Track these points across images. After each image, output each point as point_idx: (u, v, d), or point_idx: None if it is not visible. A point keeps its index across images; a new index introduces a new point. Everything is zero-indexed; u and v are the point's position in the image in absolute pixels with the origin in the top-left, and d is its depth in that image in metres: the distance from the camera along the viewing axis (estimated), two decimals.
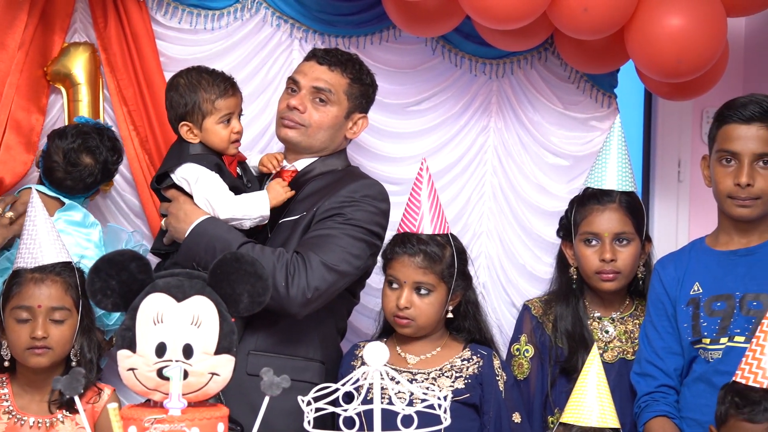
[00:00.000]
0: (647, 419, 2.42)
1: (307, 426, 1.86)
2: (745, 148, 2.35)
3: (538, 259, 3.21)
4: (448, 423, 1.93)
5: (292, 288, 2.40)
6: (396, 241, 2.57)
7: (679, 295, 2.47)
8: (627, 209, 2.61)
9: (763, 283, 2.37)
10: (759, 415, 2.06)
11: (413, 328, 2.53)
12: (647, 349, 2.50)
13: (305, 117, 2.62)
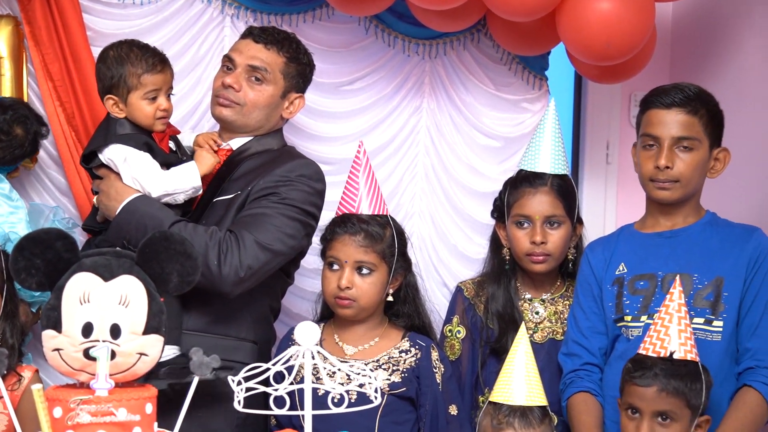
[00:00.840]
0: (569, 395, 2.46)
1: (237, 406, 1.85)
2: (665, 132, 2.39)
3: (470, 240, 3.23)
4: (378, 402, 1.94)
5: (225, 266, 2.37)
6: (336, 222, 2.56)
7: (605, 275, 2.51)
8: (558, 192, 2.64)
9: (684, 263, 2.41)
10: (648, 379, 2.14)
11: (355, 310, 2.52)
12: (574, 329, 2.54)
13: (240, 95, 2.59)
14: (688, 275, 2.39)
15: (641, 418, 2.17)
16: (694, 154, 2.40)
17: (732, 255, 2.40)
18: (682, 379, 2.15)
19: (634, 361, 2.21)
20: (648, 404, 2.15)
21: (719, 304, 2.36)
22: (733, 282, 2.37)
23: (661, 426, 2.15)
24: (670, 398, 2.14)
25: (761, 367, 2.31)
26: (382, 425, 2.46)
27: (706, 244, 2.43)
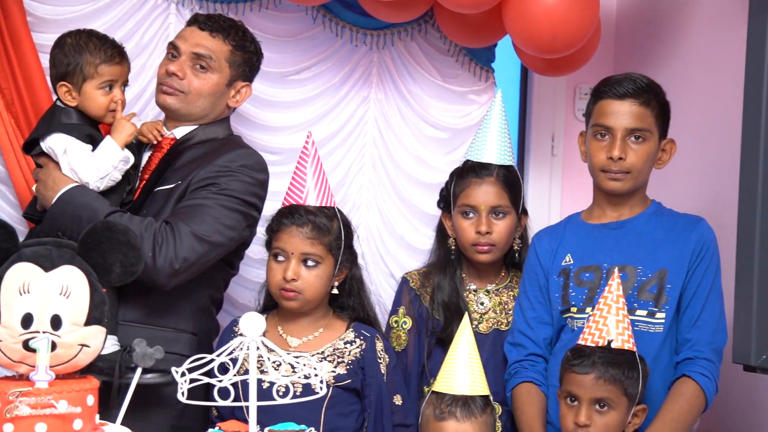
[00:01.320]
0: (514, 385, 2.47)
1: (180, 397, 1.83)
2: (618, 123, 2.41)
3: (417, 231, 3.24)
4: (323, 393, 1.93)
5: (159, 258, 2.34)
6: (283, 213, 2.53)
7: (552, 266, 2.52)
8: (504, 183, 2.65)
9: (629, 255, 2.43)
10: (587, 367, 2.18)
11: (300, 302, 2.50)
12: (520, 319, 2.55)
13: (184, 84, 2.56)
14: (632, 267, 2.41)
15: (579, 406, 2.20)
16: (645, 146, 2.41)
17: (676, 246, 2.42)
18: (619, 368, 2.18)
19: (573, 350, 2.24)
20: (586, 391, 2.18)
21: (662, 296, 2.39)
22: (677, 274, 2.40)
23: (599, 413, 2.19)
24: (608, 386, 2.18)
25: (700, 358, 2.34)
26: (328, 417, 2.45)
27: (652, 235, 2.46)
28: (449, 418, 2.26)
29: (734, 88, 2.17)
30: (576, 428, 2.19)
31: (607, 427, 2.19)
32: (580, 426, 2.18)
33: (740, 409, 2.75)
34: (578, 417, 2.18)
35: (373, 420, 2.49)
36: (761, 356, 2.06)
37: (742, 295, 2.10)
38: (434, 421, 2.27)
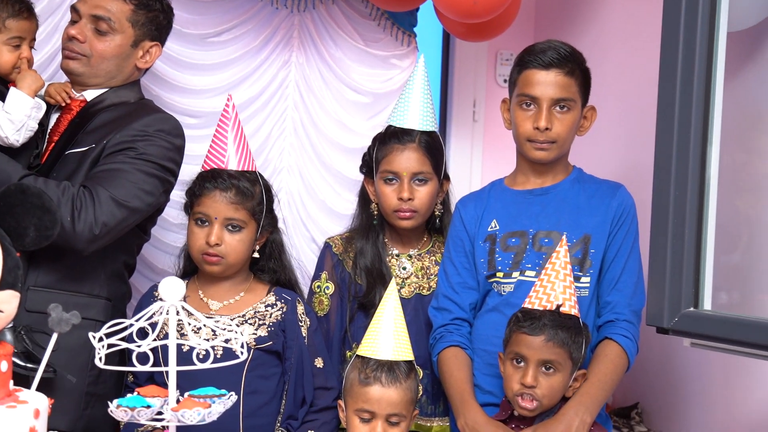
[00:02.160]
0: (441, 349, 2.48)
1: (98, 362, 1.81)
2: (543, 93, 2.41)
3: (339, 196, 3.23)
4: (244, 357, 1.93)
5: (79, 223, 2.29)
6: (205, 177, 2.50)
7: (477, 231, 2.54)
8: (426, 149, 2.65)
9: (554, 221, 2.46)
10: (537, 329, 2.20)
11: (222, 266, 2.48)
12: (444, 284, 2.56)
13: (85, 47, 2.49)
14: (557, 233, 2.44)
15: (527, 367, 2.21)
16: (570, 115, 2.43)
17: (598, 212, 2.46)
18: (567, 332, 2.21)
19: (523, 312, 2.25)
20: (535, 353, 2.20)
21: (587, 261, 2.43)
22: (599, 239, 2.44)
23: (545, 375, 2.21)
24: (556, 348, 2.20)
25: (621, 320, 2.38)
26: (249, 379, 2.45)
27: (575, 201, 2.49)
28: (374, 383, 2.26)
29: (652, 55, 2.20)
30: (522, 389, 2.21)
31: (552, 389, 2.21)
32: (526, 387, 2.20)
33: (654, 369, 2.84)
34: (525, 378, 2.20)
35: (293, 382, 2.49)
36: (673, 319, 2.12)
37: (656, 259, 2.15)
38: (359, 386, 2.28)
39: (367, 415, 2.26)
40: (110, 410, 1.81)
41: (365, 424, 2.26)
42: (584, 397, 2.26)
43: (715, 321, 2.05)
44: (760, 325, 1.95)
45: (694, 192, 2.08)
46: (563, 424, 2.21)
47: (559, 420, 2.21)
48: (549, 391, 2.21)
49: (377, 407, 2.25)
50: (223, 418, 2.17)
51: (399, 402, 2.26)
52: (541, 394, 2.20)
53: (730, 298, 2.26)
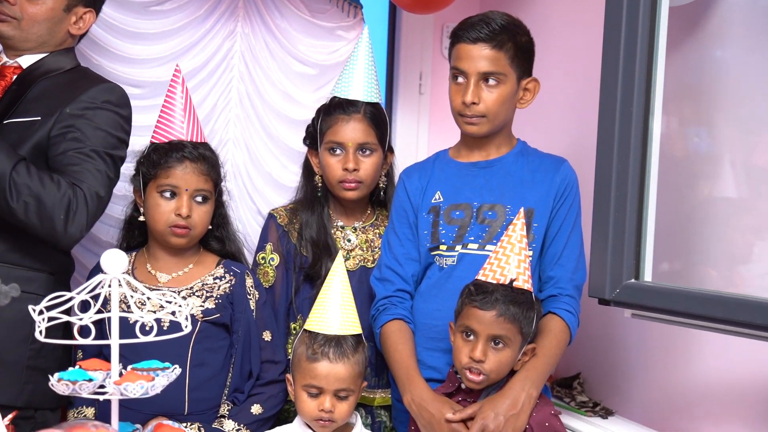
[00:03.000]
0: (384, 322, 2.48)
1: (38, 336, 1.79)
2: (471, 67, 2.40)
3: (285, 168, 3.22)
4: (188, 330, 1.92)
5: (71, 226, 2.28)
6: (172, 148, 2.47)
7: (421, 203, 2.53)
8: (371, 120, 2.65)
9: (498, 194, 2.47)
10: (489, 304, 2.19)
11: (189, 238, 2.48)
12: (387, 255, 2.56)
13: (16, 9, 2.44)
14: (501, 206, 2.45)
15: (476, 341, 2.21)
16: (500, 89, 2.41)
17: (542, 186, 2.47)
18: (519, 307, 2.20)
19: (476, 286, 2.24)
20: (485, 327, 2.19)
21: (529, 235, 2.43)
22: (542, 213, 2.45)
23: (494, 350, 2.21)
24: (507, 324, 2.19)
25: (563, 295, 2.40)
26: (196, 352, 2.44)
27: (519, 175, 2.49)
28: (322, 359, 2.26)
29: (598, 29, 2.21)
30: (470, 362, 2.21)
31: (500, 364, 2.21)
32: (474, 361, 2.20)
33: (595, 340, 2.88)
34: (474, 352, 2.19)
35: (240, 355, 2.49)
36: (614, 290, 2.15)
37: (598, 232, 2.18)
38: (306, 362, 2.27)
39: (315, 390, 2.26)
40: (51, 384, 1.79)
41: (313, 399, 2.27)
42: (530, 371, 2.27)
43: (655, 292, 2.09)
44: (699, 296, 1.99)
45: (636, 164, 2.11)
46: (510, 399, 2.22)
47: (506, 395, 2.23)
48: (497, 365, 2.21)
49: (325, 383, 2.25)
50: (169, 392, 2.16)
51: (347, 377, 2.26)
52: (488, 368, 2.20)
53: (671, 270, 2.29)
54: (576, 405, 2.79)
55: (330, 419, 2.25)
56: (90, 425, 1.58)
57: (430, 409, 2.28)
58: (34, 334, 2.30)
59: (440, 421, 2.25)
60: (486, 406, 2.22)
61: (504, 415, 2.20)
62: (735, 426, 2.36)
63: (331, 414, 2.25)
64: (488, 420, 2.19)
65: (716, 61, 2.33)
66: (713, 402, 2.44)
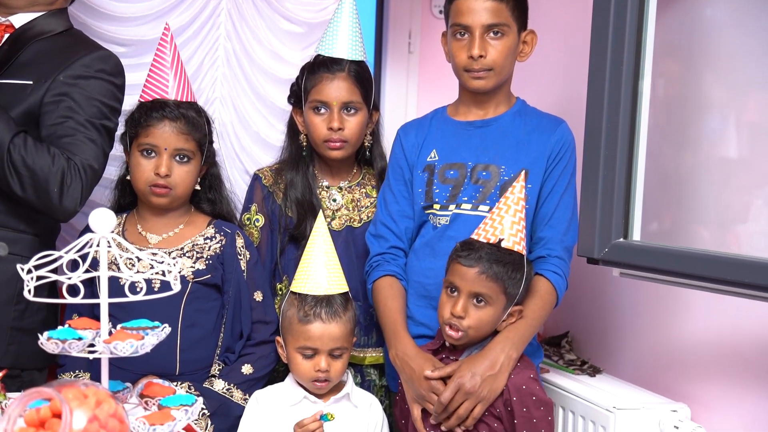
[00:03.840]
0: (376, 278, 2.49)
1: (27, 295, 1.78)
2: (475, 20, 2.39)
3: (272, 127, 3.20)
4: (177, 289, 1.91)
5: (66, 198, 2.29)
6: (151, 107, 2.45)
7: (417, 160, 2.53)
8: (356, 78, 2.63)
9: (493, 154, 2.46)
10: (472, 261, 2.20)
11: (170, 198, 2.45)
12: (383, 211, 2.56)
13: None
14: (496, 166, 2.44)
15: (458, 297, 2.22)
16: (505, 40, 2.41)
17: (537, 147, 2.46)
18: (504, 266, 2.20)
19: (463, 243, 2.25)
20: (467, 284, 2.20)
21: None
22: (535, 174, 2.44)
23: (475, 307, 2.21)
24: (489, 282, 2.20)
25: (552, 257, 2.41)
26: (187, 313, 2.44)
27: (515, 135, 2.48)
28: (315, 320, 2.27)
29: None
30: (451, 318, 2.22)
31: (480, 322, 2.22)
32: (454, 317, 2.21)
33: (584, 299, 2.90)
34: (455, 308, 2.21)
35: (231, 316, 2.49)
36: (603, 249, 2.16)
37: (587, 191, 2.17)
38: (299, 324, 2.28)
39: (309, 352, 2.27)
40: (40, 342, 1.78)
41: (308, 360, 2.28)
42: (511, 332, 2.27)
43: (644, 251, 2.09)
44: (687, 255, 2.00)
45: (625, 123, 2.11)
46: (489, 359, 2.23)
47: (485, 356, 2.23)
48: (477, 323, 2.22)
49: (320, 343, 2.27)
50: (161, 352, 2.17)
51: (340, 336, 2.28)
52: (467, 325, 2.21)
53: (660, 230, 2.30)
54: (564, 363, 2.81)
55: (326, 379, 2.26)
56: (80, 383, 1.57)
57: (412, 364, 2.29)
58: (18, 295, 2.30)
59: (420, 377, 2.26)
60: (464, 366, 2.23)
61: (481, 375, 2.20)
62: (722, 384, 2.38)
63: (328, 374, 2.26)
64: (465, 379, 2.20)
65: (707, 19, 2.32)
66: (700, 360, 2.46)
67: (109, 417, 1.54)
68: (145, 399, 1.98)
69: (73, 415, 1.48)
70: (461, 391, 2.20)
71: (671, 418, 2.38)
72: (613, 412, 2.39)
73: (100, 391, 1.59)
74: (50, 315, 2.48)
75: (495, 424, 2.24)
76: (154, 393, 1.98)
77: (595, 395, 2.48)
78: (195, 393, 2.35)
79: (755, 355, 2.30)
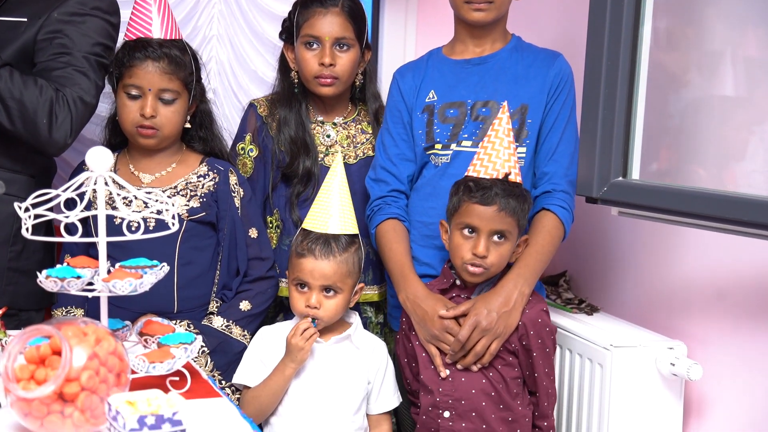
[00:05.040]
0: (379, 222, 2.50)
1: (25, 233, 1.78)
2: None
3: (269, 64, 3.16)
4: (175, 228, 1.91)
5: (55, 131, 2.26)
6: (134, 47, 2.41)
7: (415, 102, 2.52)
8: (349, 14, 2.60)
9: (492, 91, 2.45)
10: (489, 200, 2.22)
11: (157, 139, 2.44)
12: (382, 155, 2.56)
13: None
14: (495, 102, 2.43)
15: (478, 237, 2.24)
16: None
17: (536, 81, 2.46)
18: (516, 199, 2.24)
19: (474, 182, 2.25)
20: (487, 223, 2.22)
21: (523, 131, 2.44)
22: (536, 108, 2.44)
23: (496, 244, 2.24)
24: (507, 218, 2.23)
25: (558, 191, 2.41)
26: (183, 251, 2.45)
27: (513, 71, 2.48)
28: (308, 255, 2.30)
29: None
30: (473, 258, 2.24)
31: (501, 257, 2.25)
32: (478, 256, 2.23)
33: (582, 238, 2.90)
34: (476, 248, 2.22)
35: (227, 253, 2.50)
36: (602, 188, 2.15)
37: (586, 129, 2.16)
38: (295, 257, 2.32)
39: (300, 285, 2.30)
40: (39, 281, 1.79)
41: (301, 295, 2.31)
42: (523, 269, 2.30)
43: (642, 190, 2.09)
44: (686, 193, 2.00)
45: (625, 60, 2.09)
46: (502, 296, 2.25)
47: (499, 292, 2.26)
48: (498, 259, 2.25)
49: (310, 278, 2.29)
50: (158, 290, 2.18)
51: (332, 274, 2.29)
52: (490, 262, 2.24)
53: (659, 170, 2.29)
54: (562, 302, 2.82)
55: (316, 315, 2.28)
56: (79, 321, 1.59)
57: (424, 306, 2.31)
58: (15, 236, 2.31)
59: (433, 318, 2.28)
60: (479, 303, 2.25)
61: (497, 311, 2.23)
62: (718, 321, 2.40)
63: (317, 311, 2.28)
64: (481, 317, 2.22)
65: None
66: (697, 298, 2.48)
67: (108, 354, 1.56)
68: (144, 337, 2.00)
69: (72, 352, 1.50)
70: (478, 329, 2.23)
71: (668, 356, 2.41)
72: (610, 349, 2.41)
73: (100, 329, 1.60)
74: (47, 256, 2.48)
75: (510, 358, 2.28)
76: (154, 331, 2.00)
77: (593, 333, 2.50)
78: (194, 331, 2.37)
79: (752, 293, 2.31)
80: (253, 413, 2.28)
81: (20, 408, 1.52)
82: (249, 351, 2.39)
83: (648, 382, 2.42)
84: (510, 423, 2.27)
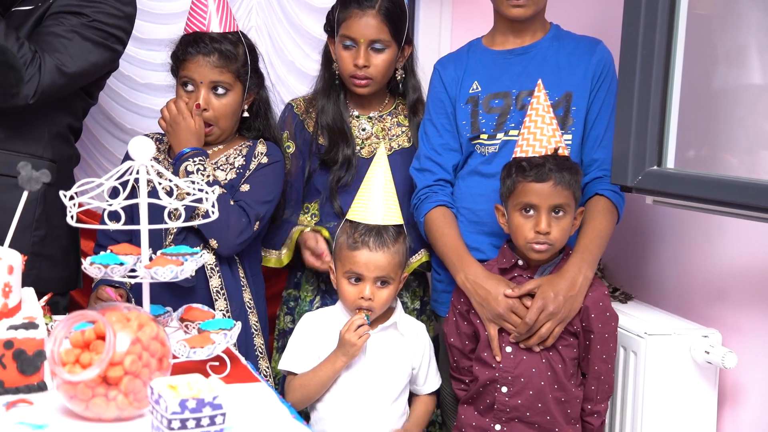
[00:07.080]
0: (428, 210, 2.53)
1: (70, 221, 1.83)
2: None
3: (307, 56, 3.20)
4: (216, 216, 1.95)
5: (22, 89, 2.22)
6: (188, 42, 2.49)
7: (458, 93, 2.54)
8: (386, 16, 2.61)
9: (536, 80, 2.44)
10: (545, 175, 2.25)
11: (214, 135, 2.52)
12: (426, 145, 2.58)
13: None
14: None
15: (538, 214, 2.27)
16: None
17: (579, 69, 2.48)
18: (570, 172, 2.27)
19: (526, 161, 2.28)
20: (545, 199, 2.26)
21: (569, 119, 2.46)
22: (581, 96, 2.46)
23: (556, 219, 2.28)
24: (564, 191, 2.26)
25: (608, 176, 2.41)
26: None
27: (555, 59, 2.50)
28: (362, 248, 2.31)
29: None
30: (536, 236, 2.27)
31: (563, 232, 2.29)
32: (541, 234, 2.26)
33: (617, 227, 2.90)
34: (539, 225, 2.26)
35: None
36: (637, 177, 2.16)
37: (622, 118, 2.16)
38: (347, 250, 2.33)
39: (354, 277, 2.32)
40: (84, 267, 1.84)
41: (354, 287, 2.33)
42: (585, 253, 2.34)
43: (677, 179, 2.09)
44: (721, 182, 1.99)
45: (661, 49, 2.08)
46: (568, 280, 2.29)
47: (564, 276, 2.29)
48: (560, 233, 2.29)
49: (365, 270, 2.31)
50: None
51: (386, 265, 2.32)
52: (554, 237, 2.28)
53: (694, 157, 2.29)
54: None
55: (369, 307, 2.31)
56: (123, 307, 1.63)
57: (486, 286, 2.34)
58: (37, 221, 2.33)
59: (496, 297, 2.31)
60: (545, 286, 2.28)
61: (564, 295, 2.27)
62: (753, 310, 2.39)
63: (371, 302, 2.30)
64: (548, 300, 2.26)
65: None
66: (732, 287, 2.47)
67: (151, 339, 1.59)
68: (185, 323, 2.04)
69: (116, 337, 1.54)
70: (545, 312, 2.26)
71: (702, 344, 2.41)
72: (644, 337, 2.42)
73: (142, 314, 1.64)
74: (70, 242, 2.51)
75: (571, 339, 2.32)
76: (194, 317, 2.04)
77: (627, 321, 2.51)
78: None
79: None
80: (299, 400, 2.32)
81: (66, 391, 1.56)
82: (294, 338, 2.42)
83: (682, 370, 2.42)
84: (562, 403, 2.31)
